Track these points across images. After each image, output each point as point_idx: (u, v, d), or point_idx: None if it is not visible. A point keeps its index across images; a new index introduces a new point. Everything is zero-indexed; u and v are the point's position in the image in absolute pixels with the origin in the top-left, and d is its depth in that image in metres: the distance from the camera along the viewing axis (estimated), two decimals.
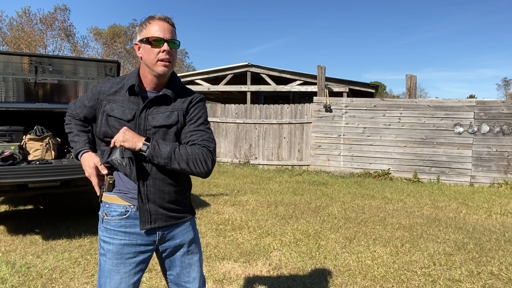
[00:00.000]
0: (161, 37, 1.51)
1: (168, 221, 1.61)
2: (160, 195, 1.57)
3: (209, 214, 5.27)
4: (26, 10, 26.52)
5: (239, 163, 10.51)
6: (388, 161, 9.31)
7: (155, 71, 1.54)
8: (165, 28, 1.52)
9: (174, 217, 1.64)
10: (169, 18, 1.56)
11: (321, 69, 10.10)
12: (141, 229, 1.56)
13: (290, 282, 3.14)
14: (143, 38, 1.53)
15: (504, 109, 8.41)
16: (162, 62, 1.52)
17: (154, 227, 1.58)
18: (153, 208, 1.57)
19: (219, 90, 12.42)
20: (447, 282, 3.20)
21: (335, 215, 5.41)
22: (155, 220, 1.58)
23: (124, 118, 1.54)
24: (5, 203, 5.66)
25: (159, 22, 1.53)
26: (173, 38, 1.54)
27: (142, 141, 1.47)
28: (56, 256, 3.58)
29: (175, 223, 1.64)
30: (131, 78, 1.59)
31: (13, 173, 3.74)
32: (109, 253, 1.57)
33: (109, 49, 30.15)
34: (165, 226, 1.62)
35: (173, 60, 1.56)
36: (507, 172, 8.39)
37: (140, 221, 1.56)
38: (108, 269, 1.56)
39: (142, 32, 1.55)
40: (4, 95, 4.70)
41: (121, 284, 1.56)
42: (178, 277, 1.71)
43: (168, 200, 1.60)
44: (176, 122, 1.57)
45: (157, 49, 1.51)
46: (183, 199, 1.68)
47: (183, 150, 1.50)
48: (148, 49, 1.52)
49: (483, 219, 5.51)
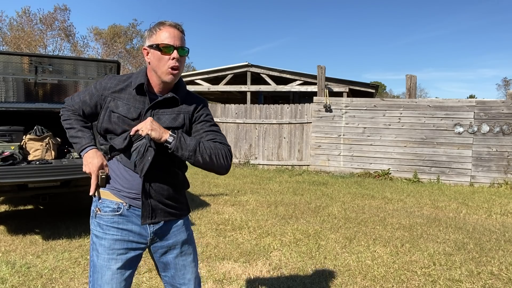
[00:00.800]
0: (171, 44, 1.50)
1: (166, 216, 1.64)
2: (161, 192, 1.60)
3: (209, 214, 5.27)
4: (26, 10, 26.54)
5: (239, 163, 10.51)
6: (388, 161, 9.31)
7: (163, 78, 1.55)
8: (175, 35, 1.52)
9: (172, 214, 1.67)
10: (180, 25, 1.56)
11: (321, 69, 10.10)
12: (142, 223, 1.59)
13: (290, 282, 3.14)
14: (153, 44, 1.53)
15: (504, 109, 8.41)
16: (170, 70, 1.52)
17: (154, 221, 1.61)
18: (154, 204, 1.60)
19: (219, 90, 12.42)
20: (447, 282, 3.20)
21: (335, 215, 5.41)
22: (156, 215, 1.61)
23: (129, 116, 1.55)
24: (5, 203, 5.66)
25: (169, 28, 1.53)
26: (182, 45, 1.54)
27: (168, 133, 1.48)
28: (56, 256, 3.57)
29: (172, 219, 1.67)
30: (139, 77, 1.59)
31: (13, 173, 3.74)
32: (101, 247, 1.58)
33: (109, 49, 30.13)
34: (165, 221, 1.64)
35: (181, 68, 1.56)
36: (507, 172, 8.39)
37: (141, 216, 1.58)
38: (100, 264, 1.58)
39: (151, 38, 1.54)
40: (4, 95, 4.71)
41: (113, 280, 1.56)
42: (173, 279, 1.71)
43: (167, 197, 1.62)
44: (182, 125, 1.59)
45: (167, 56, 1.51)
46: (180, 197, 1.71)
47: (207, 144, 1.53)
48: (157, 55, 1.52)
49: (483, 219, 5.51)
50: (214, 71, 12.27)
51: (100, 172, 1.56)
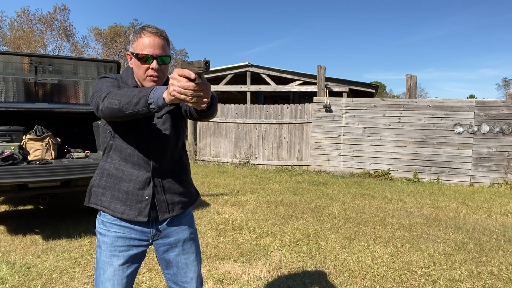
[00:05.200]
0: (150, 54, 1.49)
1: (183, 207, 1.68)
2: (171, 183, 1.63)
3: (209, 214, 5.27)
4: (25, 10, 26.53)
5: (239, 163, 10.50)
6: (388, 161, 9.31)
7: (144, 85, 1.56)
8: (155, 43, 1.49)
9: (187, 203, 1.71)
10: (162, 32, 1.53)
11: (321, 69, 10.10)
12: (160, 219, 1.61)
13: (290, 282, 3.14)
14: (134, 53, 1.52)
15: (504, 109, 8.41)
16: (150, 78, 1.52)
17: (173, 215, 1.64)
18: (170, 198, 1.63)
19: (219, 90, 12.42)
20: (447, 282, 3.20)
21: (335, 215, 5.41)
22: (173, 209, 1.64)
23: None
24: (5, 203, 5.66)
25: (150, 36, 1.50)
26: (162, 54, 1.51)
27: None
28: (56, 256, 3.58)
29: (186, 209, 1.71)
30: (129, 79, 1.61)
31: (13, 173, 3.74)
32: (104, 244, 1.60)
33: (109, 49, 30.14)
34: (180, 212, 1.67)
35: (162, 76, 1.56)
36: (507, 172, 8.39)
37: (158, 211, 1.60)
38: (102, 260, 1.60)
39: (133, 44, 1.53)
40: (4, 95, 4.71)
41: (114, 276, 1.58)
42: (175, 277, 1.72)
43: (180, 185, 1.66)
44: (176, 105, 1.57)
45: (146, 65, 1.50)
46: (190, 182, 1.75)
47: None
48: (137, 64, 1.52)
49: (483, 219, 5.51)
50: (214, 71, 12.27)
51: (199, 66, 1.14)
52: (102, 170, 1.62)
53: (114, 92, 1.38)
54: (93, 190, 1.64)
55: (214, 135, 10.80)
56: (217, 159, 10.82)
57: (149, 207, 1.58)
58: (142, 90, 1.30)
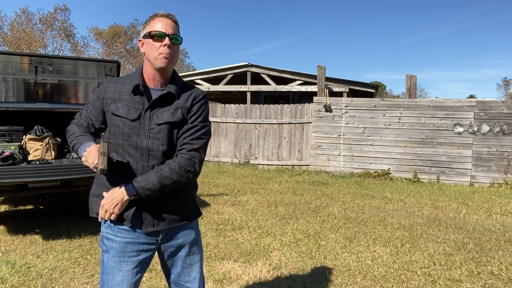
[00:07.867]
0: (163, 31, 1.53)
1: (171, 223, 1.62)
2: (162, 198, 1.57)
3: (209, 214, 5.27)
4: (25, 10, 26.53)
5: (239, 163, 10.50)
6: (388, 161, 9.31)
7: (156, 65, 1.55)
8: (168, 24, 1.55)
9: (178, 220, 1.64)
10: (172, 15, 1.59)
11: (321, 69, 10.10)
12: (144, 232, 1.57)
13: (290, 282, 3.14)
14: (146, 33, 1.56)
15: (504, 109, 8.41)
16: (162, 55, 1.53)
17: (157, 230, 1.59)
18: (155, 212, 1.58)
19: (219, 90, 12.42)
20: (447, 282, 3.20)
21: (335, 215, 5.41)
22: (158, 223, 1.59)
23: (129, 118, 1.55)
24: (5, 203, 5.66)
25: (162, 18, 1.56)
26: (175, 33, 1.56)
27: (127, 196, 1.49)
28: (56, 256, 3.57)
29: (178, 226, 1.64)
30: (135, 77, 1.60)
31: (13, 173, 3.74)
32: (112, 250, 1.58)
33: (109, 49, 30.16)
34: (169, 228, 1.62)
35: (174, 55, 1.57)
36: (507, 172, 8.39)
37: (143, 224, 1.57)
38: (111, 266, 1.58)
39: (145, 29, 1.58)
40: (4, 95, 4.70)
41: (123, 282, 1.57)
42: (178, 277, 1.72)
43: (172, 202, 1.61)
44: (181, 119, 1.58)
45: (159, 43, 1.53)
46: (187, 200, 1.68)
47: (166, 173, 1.51)
48: (150, 43, 1.55)
49: (483, 219, 5.51)
50: (214, 71, 12.27)
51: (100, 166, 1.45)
52: (97, 179, 1.65)
53: (72, 128, 1.69)
54: (92, 199, 1.64)
55: (214, 135, 10.79)
56: (217, 159, 10.82)
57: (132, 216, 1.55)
58: (77, 143, 1.60)
